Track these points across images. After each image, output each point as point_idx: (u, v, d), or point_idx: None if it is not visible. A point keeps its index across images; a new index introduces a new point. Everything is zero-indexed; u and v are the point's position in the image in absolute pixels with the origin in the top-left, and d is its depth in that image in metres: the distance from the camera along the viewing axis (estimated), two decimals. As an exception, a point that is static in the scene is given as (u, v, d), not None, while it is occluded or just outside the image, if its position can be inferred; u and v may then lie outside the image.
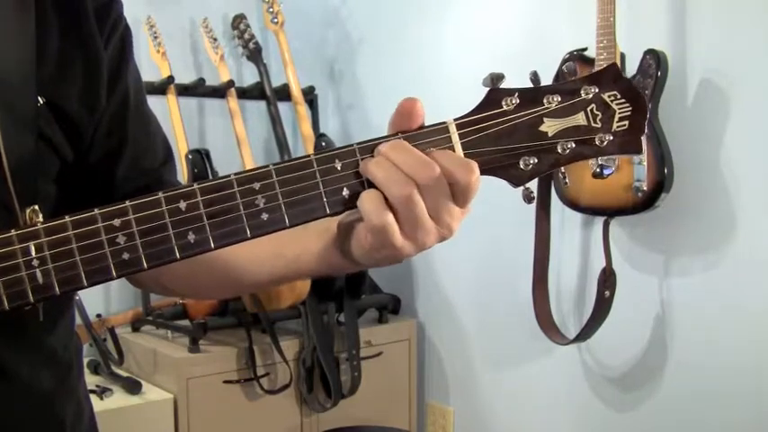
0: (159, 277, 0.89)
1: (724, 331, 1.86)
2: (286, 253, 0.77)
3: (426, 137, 0.66)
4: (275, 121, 2.56)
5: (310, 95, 2.74)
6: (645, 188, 1.82)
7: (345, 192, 0.65)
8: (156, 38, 2.40)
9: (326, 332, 2.32)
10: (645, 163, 1.82)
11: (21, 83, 0.71)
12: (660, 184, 1.82)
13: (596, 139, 0.67)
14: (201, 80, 2.54)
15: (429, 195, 0.63)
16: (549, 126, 0.67)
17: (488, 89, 0.68)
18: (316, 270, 0.76)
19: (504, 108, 0.67)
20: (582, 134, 0.67)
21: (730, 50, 1.82)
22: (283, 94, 2.61)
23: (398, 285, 2.68)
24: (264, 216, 0.64)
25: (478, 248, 2.44)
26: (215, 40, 2.56)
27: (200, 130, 2.70)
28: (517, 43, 2.23)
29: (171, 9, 2.59)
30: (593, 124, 0.67)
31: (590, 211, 1.99)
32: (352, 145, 0.65)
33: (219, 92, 2.54)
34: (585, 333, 2.03)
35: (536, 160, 0.67)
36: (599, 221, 2.02)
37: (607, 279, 1.98)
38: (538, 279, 2.11)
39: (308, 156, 0.65)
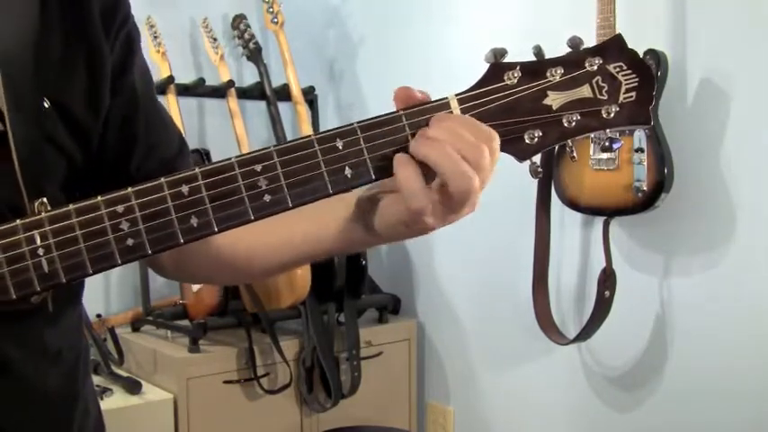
0: (185, 267, 0.89)
1: (724, 331, 1.86)
2: (308, 233, 0.77)
3: (428, 113, 0.65)
4: (275, 121, 2.56)
5: (310, 95, 2.74)
6: (645, 188, 1.82)
7: (348, 170, 0.64)
8: (156, 38, 2.40)
9: (326, 332, 2.32)
10: (645, 163, 1.82)
11: (26, 86, 0.71)
12: (660, 184, 1.82)
13: (603, 112, 0.66)
14: (201, 80, 2.54)
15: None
16: (554, 99, 0.66)
17: (490, 64, 0.67)
18: (338, 248, 0.76)
19: (507, 82, 0.67)
20: (588, 106, 0.66)
21: (730, 50, 1.82)
22: (283, 94, 2.61)
23: (398, 285, 2.68)
24: (267, 198, 0.64)
25: (478, 248, 2.44)
26: (215, 40, 2.56)
27: (200, 130, 2.70)
28: (517, 43, 2.22)
29: (171, 9, 2.59)
30: (599, 96, 0.66)
31: (590, 211, 1.99)
32: (352, 124, 0.65)
33: (219, 92, 2.54)
34: (585, 333, 2.03)
35: (541, 134, 0.66)
36: (599, 221, 2.02)
37: (607, 279, 1.98)
38: (538, 279, 2.11)
39: (309, 136, 0.64)
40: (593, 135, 0.69)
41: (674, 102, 1.88)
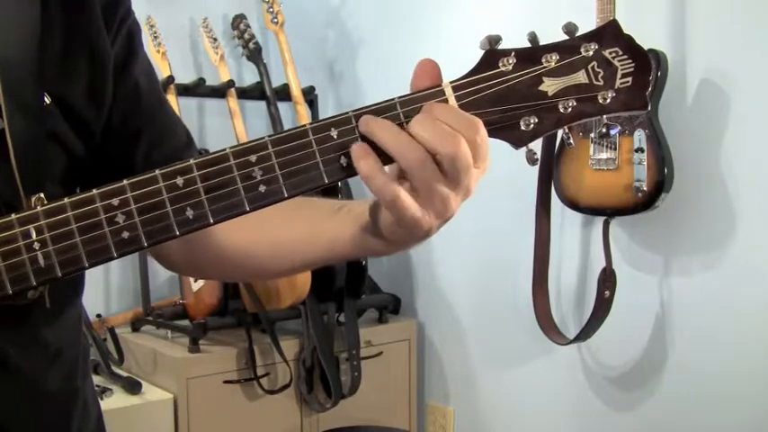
0: (196, 263, 0.88)
1: (724, 331, 1.86)
2: (321, 237, 0.76)
3: (422, 100, 0.65)
4: (275, 121, 2.56)
5: (310, 95, 2.74)
6: (645, 188, 1.82)
7: (343, 160, 0.64)
8: (156, 38, 2.40)
9: (326, 332, 2.32)
10: (645, 163, 1.82)
11: (27, 81, 0.71)
12: (660, 184, 1.82)
13: (599, 97, 0.66)
14: (201, 80, 2.54)
15: (445, 163, 0.62)
16: (549, 85, 0.66)
17: (485, 50, 0.67)
18: (351, 254, 0.75)
19: (502, 68, 0.66)
20: (584, 92, 0.66)
21: (730, 50, 1.82)
22: (283, 94, 2.61)
23: (398, 285, 2.68)
24: (262, 188, 0.63)
25: (479, 248, 2.44)
26: (215, 40, 2.56)
27: (200, 130, 2.70)
28: (517, 43, 2.22)
29: (171, 9, 2.59)
30: (595, 82, 0.66)
31: (590, 211, 1.99)
32: (347, 112, 0.64)
33: (219, 92, 2.54)
34: (585, 333, 2.03)
35: (537, 120, 0.66)
36: (599, 221, 2.02)
37: (607, 279, 1.98)
38: (538, 279, 2.11)
39: (304, 125, 0.64)
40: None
41: (674, 102, 1.88)
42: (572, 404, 2.22)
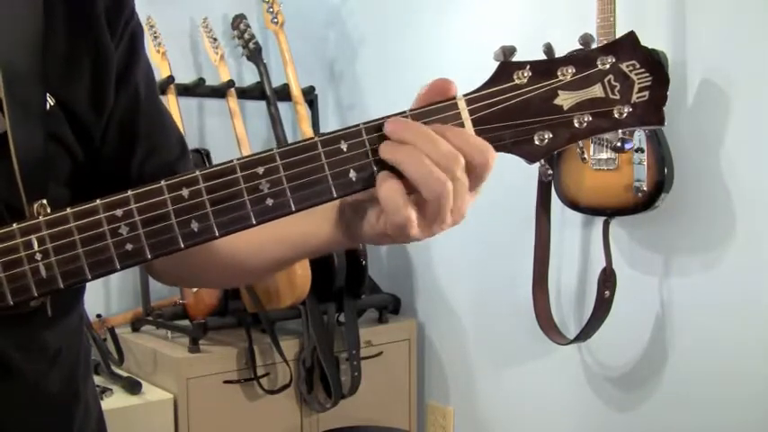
0: (173, 270, 0.87)
1: (724, 331, 1.86)
2: (291, 236, 0.76)
3: (435, 114, 0.63)
4: (275, 121, 2.56)
5: (310, 95, 2.74)
6: (645, 188, 1.82)
7: (352, 173, 0.62)
8: (156, 38, 2.40)
9: (326, 332, 2.32)
10: (645, 163, 1.82)
11: (30, 84, 0.71)
12: (660, 184, 1.82)
13: (615, 112, 0.64)
14: (201, 80, 2.54)
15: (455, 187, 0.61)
16: (564, 99, 0.64)
17: (499, 62, 0.65)
18: (320, 250, 0.75)
19: (516, 81, 0.64)
20: (599, 106, 0.64)
21: (730, 50, 1.82)
22: (283, 94, 2.61)
23: (398, 285, 2.68)
24: (269, 201, 0.62)
25: (479, 248, 2.44)
26: (215, 40, 2.56)
27: (200, 130, 2.70)
28: (517, 44, 2.22)
29: (171, 9, 2.59)
30: (611, 96, 0.64)
31: (590, 211, 1.99)
32: (358, 125, 0.63)
33: (219, 92, 2.53)
34: (585, 333, 2.03)
35: (551, 135, 0.64)
36: (599, 221, 2.02)
37: (607, 279, 1.99)
38: (538, 279, 2.11)
39: (313, 138, 0.62)
40: (605, 136, 0.67)
41: (674, 102, 1.88)
42: (572, 404, 2.22)
